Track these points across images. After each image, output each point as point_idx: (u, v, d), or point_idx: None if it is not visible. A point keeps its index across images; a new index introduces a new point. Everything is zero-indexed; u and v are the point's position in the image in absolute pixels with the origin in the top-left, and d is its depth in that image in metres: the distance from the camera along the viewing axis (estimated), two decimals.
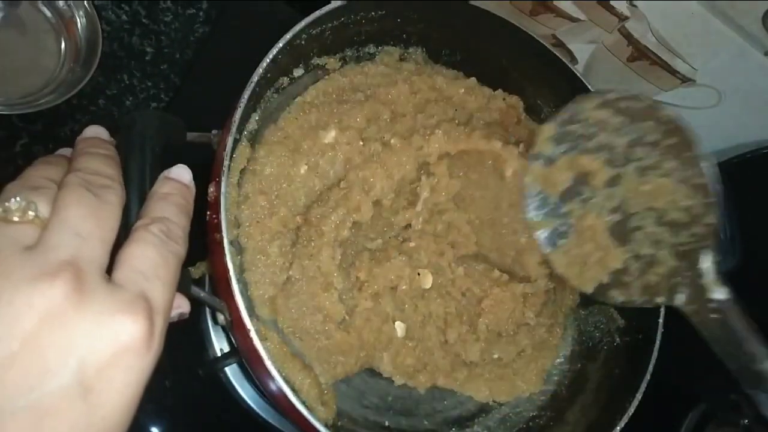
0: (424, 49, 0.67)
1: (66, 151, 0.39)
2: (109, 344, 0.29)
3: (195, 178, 0.41)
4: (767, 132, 0.74)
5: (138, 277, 0.32)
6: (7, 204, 0.31)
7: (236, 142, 0.51)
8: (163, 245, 0.34)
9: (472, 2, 0.61)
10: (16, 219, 0.31)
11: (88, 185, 0.33)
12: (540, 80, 0.68)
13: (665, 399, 0.59)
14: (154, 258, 0.33)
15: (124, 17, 0.76)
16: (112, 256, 0.33)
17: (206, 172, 0.47)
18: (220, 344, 0.67)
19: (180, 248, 0.35)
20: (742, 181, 0.63)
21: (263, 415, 0.66)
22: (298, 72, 0.60)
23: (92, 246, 0.31)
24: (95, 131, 0.40)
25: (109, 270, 0.32)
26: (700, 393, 0.69)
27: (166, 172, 0.39)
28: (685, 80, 0.72)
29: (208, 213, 0.46)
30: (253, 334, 0.44)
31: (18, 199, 0.32)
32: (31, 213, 0.31)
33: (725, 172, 0.59)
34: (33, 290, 0.28)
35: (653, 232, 0.53)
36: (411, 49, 0.67)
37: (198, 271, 0.57)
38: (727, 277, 0.54)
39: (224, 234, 0.44)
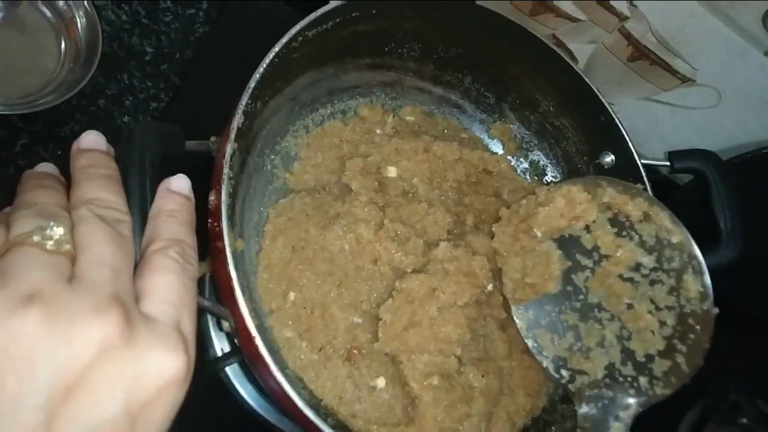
0: (420, 46, 0.67)
1: (48, 167, 0.38)
2: (155, 379, 0.30)
3: (194, 184, 0.40)
4: (767, 132, 0.74)
5: (169, 308, 0.33)
6: (47, 232, 0.31)
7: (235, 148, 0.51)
8: (183, 271, 0.35)
9: (470, 1, 0.61)
10: (50, 248, 0.31)
11: (105, 220, 0.33)
12: (538, 75, 0.68)
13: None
14: (178, 286, 0.34)
15: (124, 17, 0.76)
16: None
17: (206, 179, 0.47)
18: (220, 344, 0.67)
19: (195, 270, 0.36)
20: (742, 181, 0.63)
21: (264, 414, 0.66)
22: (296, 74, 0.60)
23: (126, 280, 0.32)
24: (94, 141, 0.38)
25: None
26: (700, 393, 0.69)
27: (166, 183, 0.39)
28: (685, 80, 0.72)
29: (209, 221, 0.46)
30: (258, 341, 0.44)
31: (54, 228, 0.32)
32: (67, 246, 0.31)
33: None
34: (90, 325, 0.29)
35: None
36: (407, 46, 0.67)
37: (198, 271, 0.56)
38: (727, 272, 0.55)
39: (226, 242, 0.44)
